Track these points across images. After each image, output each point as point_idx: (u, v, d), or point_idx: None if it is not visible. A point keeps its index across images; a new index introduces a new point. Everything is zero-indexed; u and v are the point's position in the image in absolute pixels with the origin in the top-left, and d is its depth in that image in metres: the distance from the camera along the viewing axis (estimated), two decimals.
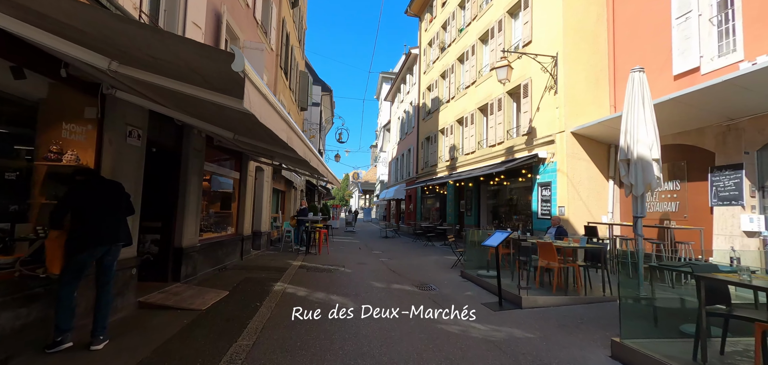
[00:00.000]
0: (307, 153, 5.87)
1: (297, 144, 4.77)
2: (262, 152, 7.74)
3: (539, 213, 10.68)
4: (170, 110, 4.77)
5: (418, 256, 12.14)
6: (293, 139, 4.65)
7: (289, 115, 4.48)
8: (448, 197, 17.53)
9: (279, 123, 3.83)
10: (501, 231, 5.94)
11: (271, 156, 8.95)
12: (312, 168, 7.66)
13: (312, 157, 6.33)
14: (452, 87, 17.40)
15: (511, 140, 12.41)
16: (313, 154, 6.59)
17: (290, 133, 4.52)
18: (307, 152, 5.79)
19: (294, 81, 16.53)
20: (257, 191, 11.48)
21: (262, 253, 11.08)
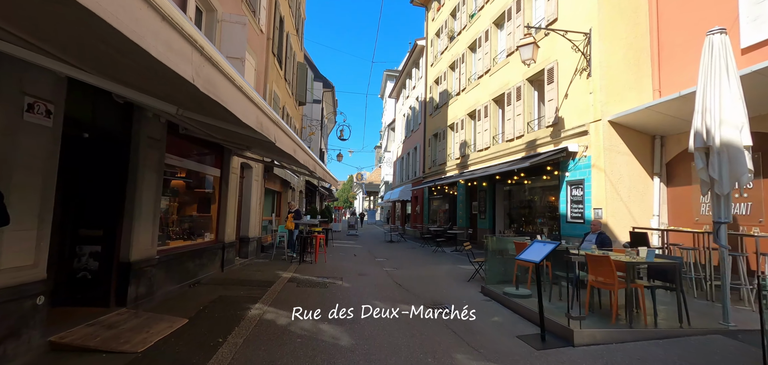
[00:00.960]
0: (291, 146, 4.52)
1: (269, 129, 3.42)
2: (238, 141, 6.35)
3: (569, 216, 9.20)
4: (89, 75, 3.40)
5: (428, 265, 10.70)
6: (266, 124, 3.30)
7: (260, 97, 3.16)
8: (459, 198, 16.08)
9: (239, 99, 2.55)
10: (542, 242, 4.52)
11: (249, 148, 7.58)
12: (301, 165, 6.32)
13: (299, 152, 4.98)
14: (463, 78, 15.97)
15: (533, 133, 10.95)
16: (302, 148, 5.23)
17: (261, 116, 3.19)
18: (290, 145, 4.44)
19: (290, 72, 15.20)
20: (245, 191, 10.13)
21: (249, 262, 9.71)
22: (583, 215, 8.68)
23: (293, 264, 9.80)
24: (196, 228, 7.62)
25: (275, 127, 3.81)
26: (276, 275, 8.18)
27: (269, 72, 11.20)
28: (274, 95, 12.18)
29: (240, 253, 9.89)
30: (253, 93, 3.04)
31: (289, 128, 4.96)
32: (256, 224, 10.67)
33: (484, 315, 5.52)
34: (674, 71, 8.12)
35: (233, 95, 2.61)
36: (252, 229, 10.28)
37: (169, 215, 6.74)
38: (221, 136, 5.98)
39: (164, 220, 6.51)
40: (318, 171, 7.09)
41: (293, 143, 4.75)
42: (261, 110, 3.29)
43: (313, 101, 24.48)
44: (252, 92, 3.03)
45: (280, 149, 4.06)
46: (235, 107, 2.63)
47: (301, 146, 5.32)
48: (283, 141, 4.25)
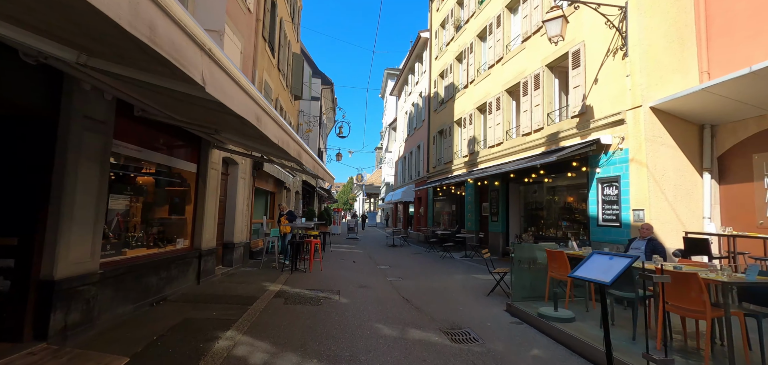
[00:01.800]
0: (279, 134, 3.36)
1: (242, 104, 2.26)
2: (208, 123, 5.13)
3: (600, 219, 7.99)
4: None
5: (437, 274, 9.48)
6: (238, 98, 2.15)
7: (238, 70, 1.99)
8: (467, 199, 14.87)
9: (187, 48, 1.72)
10: (607, 254, 3.33)
11: (220, 133, 6.38)
12: (293, 158, 5.14)
13: (290, 143, 3.80)
14: (471, 69, 14.78)
15: (554, 125, 9.76)
16: (292, 138, 4.05)
17: (237, 92, 2.08)
18: (276, 132, 3.28)
19: (285, 63, 14.03)
20: (229, 190, 8.94)
21: (233, 272, 8.50)
22: (619, 218, 7.47)
23: (284, 273, 8.59)
24: (166, 233, 6.42)
25: (255, 105, 2.67)
26: (261, 288, 6.97)
27: (259, 58, 10.02)
28: (265, 85, 11.00)
29: (223, 261, 8.68)
30: (216, 50, 1.90)
31: (282, 118, 3.80)
32: (243, 227, 9.47)
33: (518, 347, 4.31)
34: (729, 47, 6.92)
35: (178, 41, 1.47)
36: (238, 233, 9.07)
37: (129, 219, 5.55)
38: (184, 117, 4.77)
39: (123, 224, 5.34)
40: (312, 166, 5.91)
41: (282, 132, 3.59)
42: (238, 83, 2.16)
43: (311, 97, 23.33)
44: (211, 44, 1.87)
45: (264, 134, 2.92)
46: (183, 57, 1.48)
47: (292, 135, 4.16)
48: (269, 127, 3.11)
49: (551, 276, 5.74)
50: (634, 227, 7.09)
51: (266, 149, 6.07)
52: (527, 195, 11.97)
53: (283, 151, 4.12)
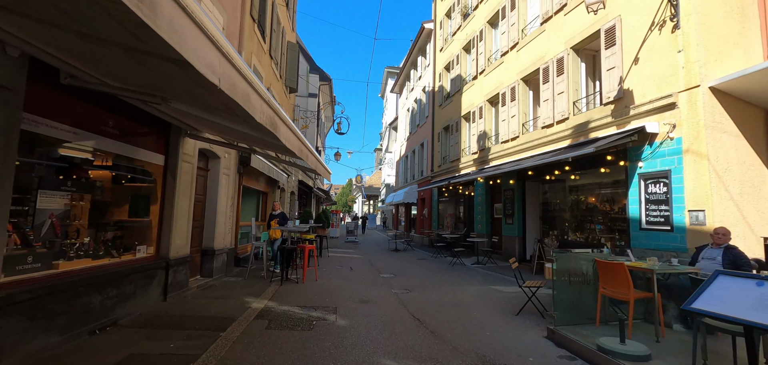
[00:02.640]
0: (265, 110, 2.22)
1: (216, 65, 1.06)
2: (154, 92, 3.88)
3: (643, 222, 6.79)
4: None
5: (450, 284, 8.27)
6: (203, 54, 0.96)
7: None
8: (477, 200, 13.66)
9: None
10: (739, 276, 2.16)
11: (174, 100, 5.18)
12: (284, 148, 4.00)
13: (280, 125, 2.65)
14: (481, 59, 13.61)
15: (582, 114, 8.58)
16: (282, 120, 2.88)
17: (201, 42, 0.96)
18: (263, 110, 2.16)
19: (278, 51, 12.84)
20: (210, 188, 7.72)
21: (213, 283, 7.27)
22: (670, 220, 6.28)
23: (273, 285, 7.37)
24: (124, 240, 5.21)
25: (230, 67, 1.65)
26: (242, 304, 5.75)
27: (246, 39, 8.83)
28: (254, 70, 9.80)
29: (202, 270, 7.46)
30: None
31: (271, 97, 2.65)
32: (227, 231, 8.24)
33: None
34: None
35: None
36: (220, 238, 7.85)
37: (69, 222, 4.35)
38: (128, 83, 3.53)
39: (60, 230, 4.14)
40: (305, 156, 4.70)
41: (270, 110, 2.48)
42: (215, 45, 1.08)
43: (308, 94, 22.19)
44: None
45: (242, 108, 1.81)
46: None
47: (283, 117, 3.01)
48: (253, 102, 2.05)
49: (604, 293, 4.54)
50: (692, 232, 5.90)
51: (250, 133, 4.87)
52: (548, 195, 10.75)
53: (272, 135, 2.96)
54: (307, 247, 8.13)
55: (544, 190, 10.82)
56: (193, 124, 5.77)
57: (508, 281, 8.45)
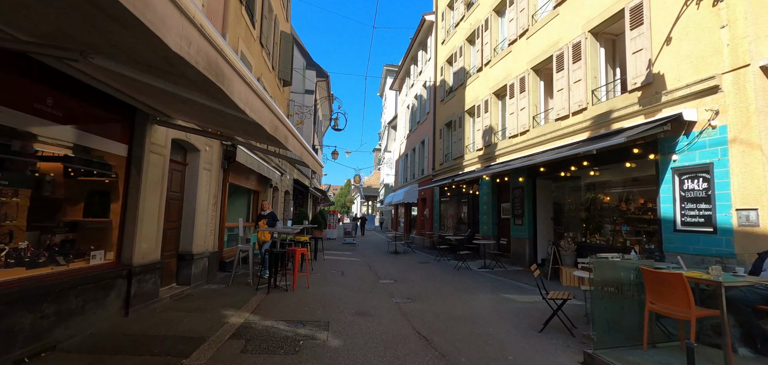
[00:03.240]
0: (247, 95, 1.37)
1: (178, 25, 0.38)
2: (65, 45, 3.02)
3: (679, 222, 5.98)
4: None
5: (457, 292, 7.44)
6: None
7: None
8: (482, 199, 12.84)
9: None
10: None
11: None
12: (268, 136, 3.22)
13: (261, 108, 1.89)
14: (486, 49, 12.80)
15: (602, 103, 7.77)
16: (268, 107, 2.07)
17: None
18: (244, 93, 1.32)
19: (270, 40, 12.01)
20: (188, 184, 6.87)
21: (190, 291, 6.42)
22: (712, 221, 5.46)
23: (259, 294, 6.54)
24: (76, 244, 4.38)
25: (195, 31, 1.08)
26: (219, 319, 4.91)
27: (231, 21, 7.99)
28: (241, 57, 8.97)
29: (178, 277, 6.60)
30: None
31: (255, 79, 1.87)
32: (208, 233, 7.39)
33: None
34: None
35: None
36: (200, 241, 7.00)
37: None
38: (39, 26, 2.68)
39: None
40: (297, 150, 3.88)
41: (253, 94, 1.86)
42: None
43: (304, 91, 21.37)
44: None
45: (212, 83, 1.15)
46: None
47: (269, 104, 2.23)
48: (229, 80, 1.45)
49: (654, 309, 3.72)
50: (742, 234, 5.09)
51: (228, 115, 4.03)
52: (562, 193, 9.92)
53: (255, 125, 2.19)
54: (298, 251, 7.28)
55: (558, 188, 10.00)
56: (162, 108, 4.93)
57: (523, 288, 7.63)
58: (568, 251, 7.88)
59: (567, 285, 7.60)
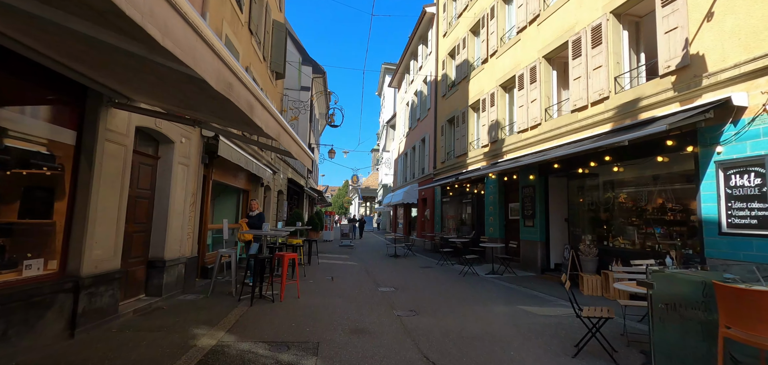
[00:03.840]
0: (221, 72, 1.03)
1: None
2: None
3: (725, 225, 5.18)
4: None
5: (467, 303, 6.61)
6: None
7: None
8: (488, 199, 12.03)
9: None
10: None
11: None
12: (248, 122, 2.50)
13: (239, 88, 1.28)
14: (492, 39, 12.00)
15: (627, 91, 6.98)
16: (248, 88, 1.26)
17: None
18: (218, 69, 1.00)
19: (261, 28, 11.17)
20: (160, 181, 6.01)
21: (160, 304, 5.56)
22: (767, 223, 4.67)
23: (241, 305, 5.70)
24: (6, 252, 3.53)
25: None
26: (185, 342, 4.06)
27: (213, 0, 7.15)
28: (226, 43, 8.14)
29: (148, 287, 5.74)
30: None
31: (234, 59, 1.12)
32: (184, 236, 6.53)
33: None
34: None
35: None
36: (174, 245, 6.14)
37: None
38: None
39: None
40: (276, 133, 3.07)
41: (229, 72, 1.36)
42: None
43: (300, 87, 20.53)
44: None
45: None
46: None
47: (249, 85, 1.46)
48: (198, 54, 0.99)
49: (731, 336, 2.90)
50: None
51: (197, 96, 3.21)
52: (578, 192, 9.09)
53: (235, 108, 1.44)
54: (286, 256, 6.43)
55: (573, 186, 9.17)
56: (119, 87, 4.08)
57: (540, 298, 6.81)
58: (589, 256, 7.07)
59: (590, 295, 6.79)
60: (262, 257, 6.26)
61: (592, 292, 6.79)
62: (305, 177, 22.30)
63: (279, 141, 3.31)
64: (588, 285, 6.75)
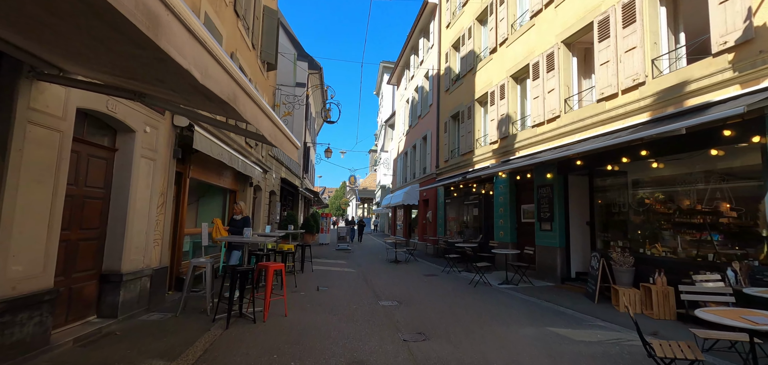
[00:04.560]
0: None
1: None
2: None
3: None
4: None
5: (485, 322, 5.63)
6: None
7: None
8: (497, 200, 11.06)
9: None
10: None
11: None
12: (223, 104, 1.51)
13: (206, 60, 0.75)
14: (502, 27, 11.06)
15: (668, 75, 6.02)
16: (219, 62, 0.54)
17: None
18: None
19: (250, 13, 10.19)
20: (118, 177, 5.00)
21: (114, 327, 4.54)
22: None
23: (215, 328, 4.69)
24: None
25: None
26: None
27: None
28: (206, 22, 7.15)
29: (100, 307, 4.72)
30: None
31: None
32: (150, 244, 5.50)
33: None
34: None
35: None
36: (134, 255, 5.12)
37: None
38: None
39: None
40: (253, 116, 2.10)
41: None
42: None
43: (295, 83, 19.55)
44: None
45: None
46: None
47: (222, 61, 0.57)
48: None
49: None
50: None
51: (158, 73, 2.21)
52: (604, 192, 8.09)
53: None
54: (271, 267, 5.41)
55: (599, 185, 8.17)
56: (47, 55, 3.07)
57: (571, 317, 5.83)
58: (624, 265, 6.09)
59: (627, 312, 5.81)
60: (243, 268, 5.24)
61: (629, 308, 5.80)
62: (300, 177, 21.28)
63: (259, 126, 2.32)
64: (625, 300, 5.77)
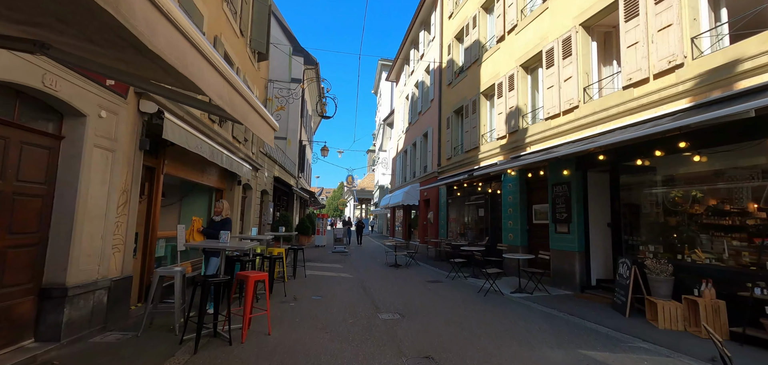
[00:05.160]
0: None
1: None
2: None
3: None
4: None
5: (503, 343, 4.83)
6: None
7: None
8: (505, 200, 10.25)
9: None
10: None
11: None
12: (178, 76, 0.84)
13: None
14: (510, 13, 10.27)
15: (712, 55, 5.23)
16: None
17: None
18: None
19: None
20: (63, 172, 4.15)
21: (54, 353, 3.69)
22: None
23: (179, 353, 3.85)
24: None
25: None
26: None
27: None
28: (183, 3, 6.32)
29: (39, 330, 3.88)
30: None
31: None
32: (106, 250, 4.65)
33: None
34: None
35: None
36: (85, 264, 4.27)
37: None
38: None
39: None
40: (224, 93, 1.29)
41: None
42: None
43: (291, 79, 18.72)
44: None
45: None
46: None
47: None
48: None
49: None
50: None
51: None
52: (630, 191, 7.21)
53: None
54: (251, 278, 4.57)
55: (624, 183, 7.30)
56: None
57: (603, 335, 5.03)
58: (662, 274, 5.29)
59: (667, 329, 5.00)
60: (216, 280, 4.41)
61: (670, 326, 5.01)
62: (296, 176, 20.42)
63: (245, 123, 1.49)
64: (665, 317, 4.97)
